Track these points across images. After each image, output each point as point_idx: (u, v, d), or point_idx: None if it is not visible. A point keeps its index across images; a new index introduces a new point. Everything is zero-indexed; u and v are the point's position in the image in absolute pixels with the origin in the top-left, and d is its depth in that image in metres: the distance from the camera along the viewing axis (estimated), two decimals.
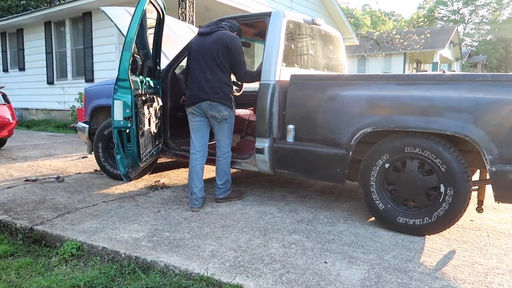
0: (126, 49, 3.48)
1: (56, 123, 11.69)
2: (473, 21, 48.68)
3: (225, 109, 3.66)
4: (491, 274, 2.47)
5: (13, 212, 3.55)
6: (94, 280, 2.48)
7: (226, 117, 3.69)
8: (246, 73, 3.74)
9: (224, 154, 3.83)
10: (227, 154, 3.84)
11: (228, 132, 3.79)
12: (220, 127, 3.73)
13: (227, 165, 3.86)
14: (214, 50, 3.56)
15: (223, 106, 3.64)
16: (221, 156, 3.82)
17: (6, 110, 6.95)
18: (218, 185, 3.89)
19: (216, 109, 3.63)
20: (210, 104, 3.62)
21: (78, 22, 11.23)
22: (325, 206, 3.85)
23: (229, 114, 3.71)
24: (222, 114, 3.66)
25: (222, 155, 3.82)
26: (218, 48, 3.56)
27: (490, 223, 3.45)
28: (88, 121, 5.18)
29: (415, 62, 27.12)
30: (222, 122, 3.70)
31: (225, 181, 3.88)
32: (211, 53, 3.57)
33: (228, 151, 3.85)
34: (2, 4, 18.47)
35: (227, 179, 3.89)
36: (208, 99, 3.61)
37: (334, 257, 2.67)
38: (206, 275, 2.40)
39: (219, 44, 3.56)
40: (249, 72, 3.78)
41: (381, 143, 3.16)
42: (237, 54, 3.62)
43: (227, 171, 3.87)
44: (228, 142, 3.83)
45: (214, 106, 3.63)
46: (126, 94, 3.51)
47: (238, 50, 3.62)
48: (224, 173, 3.86)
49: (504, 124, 2.72)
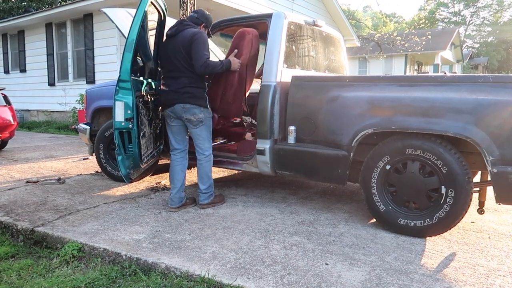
0: (127, 50, 3.48)
1: (57, 124, 11.70)
2: (474, 22, 48.70)
3: (200, 111, 3.57)
4: (492, 276, 2.46)
5: (14, 214, 3.55)
6: (95, 281, 2.48)
7: (201, 119, 3.60)
8: (204, 64, 3.47)
9: (206, 158, 3.71)
10: (209, 156, 3.73)
11: (207, 135, 3.69)
12: (196, 130, 3.63)
13: (209, 169, 3.75)
14: (179, 51, 3.52)
15: (197, 107, 3.55)
16: (202, 159, 3.70)
17: (7, 112, 6.96)
18: (202, 190, 3.75)
19: (190, 112, 3.55)
20: (183, 107, 3.55)
21: (79, 23, 11.25)
22: (326, 208, 3.85)
23: (204, 116, 3.61)
24: (197, 117, 3.57)
25: (203, 158, 3.70)
26: (183, 48, 3.50)
27: (491, 225, 3.44)
28: (89, 122, 5.18)
29: (416, 64, 27.09)
30: (199, 124, 3.61)
31: (209, 185, 3.75)
32: (177, 54, 3.53)
33: (210, 153, 3.74)
34: (3, 6, 18.52)
35: (210, 183, 3.77)
36: (181, 101, 3.54)
37: (335, 259, 2.67)
38: (207, 277, 2.40)
39: (183, 44, 3.50)
40: (210, 62, 3.51)
41: (382, 144, 3.16)
42: (196, 46, 3.47)
43: (210, 175, 3.76)
44: (209, 144, 3.72)
45: (188, 109, 3.55)
46: (127, 95, 3.52)
47: (198, 43, 3.48)
48: (207, 177, 3.74)
49: (505, 125, 2.72)
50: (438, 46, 24.40)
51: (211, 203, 3.79)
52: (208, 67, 3.50)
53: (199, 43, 3.48)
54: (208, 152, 3.72)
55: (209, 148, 3.72)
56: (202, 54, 3.47)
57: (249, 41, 3.88)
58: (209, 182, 3.75)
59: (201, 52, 3.47)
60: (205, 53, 3.49)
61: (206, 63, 3.48)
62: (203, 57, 3.47)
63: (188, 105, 3.54)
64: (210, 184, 3.77)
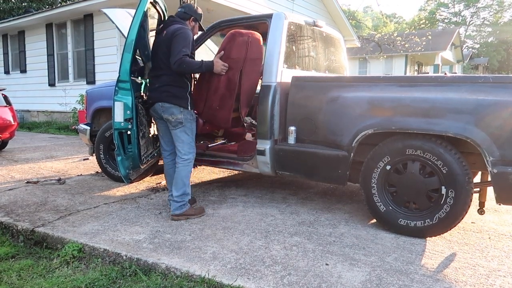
0: (127, 51, 3.48)
1: (58, 125, 11.70)
2: (474, 23, 48.70)
3: (179, 111, 3.35)
4: (493, 276, 2.46)
5: (15, 214, 3.55)
6: (95, 282, 2.48)
7: (180, 120, 3.36)
8: (179, 61, 3.22)
9: (184, 161, 3.42)
10: (188, 161, 3.43)
11: (187, 138, 3.43)
12: (176, 131, 3.41)
13: (186, 174, 3.44)
14: (163, 48, 3.38)
15: (175, 107, 3.34)
16: (179, 163, 3.42)
17: (7, 112, 6.97)
18: (174, 198, 3.41)
19: (169, 111, 3.35)
20: (162, 105, 3.37)
21: (80, 24, 11.26)
22: (327, 208, 3.84)
23: (184, 117, 3.38)
24: (175, 117, 3.35)
25: (181, 162, 3.42)
26: (165, 46, 3.34)
27: (492, 225, 3.44)
28: (90, 123, 5.19)
29: (416, 64, 27.10)
30: (178, 126, 3.38)
31: (182, 193, 3.41)
32: (160, 52, 3.40)
33: (189, 158, 3.44)
34: (4, 6, 18.53)
35: (185, 191, 3.43)
36: (160, 100, 3.38)
37: (336, 259, 2.67)
38: (207, 277, 2.39)
39: (165, 41, 3.35)
40: (186, 60, 3.24)
41: (382, 145, 3.15)
42: (175, 42, 3.27)
43: (185, 181, 3.44)
44: (188, 148, 3.44)
45: (167, 108, 3.36)
46: (126, 95, 3.52)
47: (178, 38, 3.27)
48: (182, 184, 3.42)
49: (506, 125, 2.72)
50: (439, 47, 24.41)
51: (183, 215, 3.42)
52: (182, 64, 3.24)
53: (179, 38, 3.27)
54: (187, 156, 3.44)
55: (189, 152, 3.45)
56: (179, 51, 3.23)
57: (242, 44, 3.65)
58: (183, 190, 3.42)
59: (179, 49, 3.24)
60: (183, 49, 3.24)
61: (181, 59, 3.22)
62: (179, 54, 3.22)
63: (167, 104, 3.35)
64: (184, 192, 3.43)
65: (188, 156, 3.44)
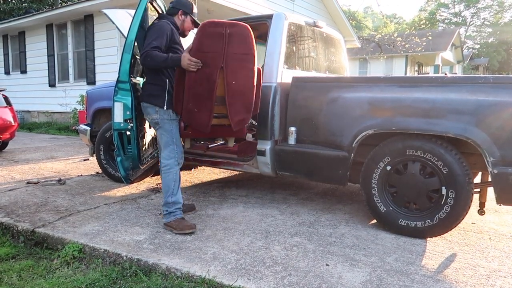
0: (126, 51, 3.49)
1: (58, 125, 11.71)
2: (474, 23, 48.68)
3: (154, 111, 3.14)
4: (493, 277, 2.46)
5: (15, 215, 3.55)
6: (95, 282, 2.48)
7: (156, 120, 3.15)
8: (144, 54, 2.99)
9: (164, 167, 3.15)
10: (167, 168, 3.14)
11: (166, 141, 3.15)
12: (157, 132, 3.24)
13: (167, 183, 3.14)
14: None
15: (151, 107, 3.15)
16: (161, 168, 3.19)
17: (7, 113, 6.97)
18: (161, 205, 3.25)
19: (146, 111, 3.22)
20: (142, 105, 3.25)
21: (80, 24, 11.27)
22: (327, 209, 3.84)
23: (160, 118, 3.14)
24: (151, 117, 3.19)
25: (162, 167, 3.17)
26: None
27: (492, 226, 3.44)
28: (90, 123, 5.19)
29: (416, 65, 27.09)
30: (155, 127, 3.22)
31: (165, 202, 3.16)
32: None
33: (168, 164, 3.14)
34: (4, 7, 18.55)
35: (167, 201, 3.15)
36: (141, 99, 3.28)
37: (336, 260, 2.66)
38: (208, 278, 2.39)
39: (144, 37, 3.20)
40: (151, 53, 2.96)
41: (382, 145, 3.16)
42: (147, 36, 3.09)
43: (169, 191, 3.13)
44: (168, 152, 3.15)
45: (145, 108, 3.22)
46: (126, 96, 3.52)
47: (149, 32, 3.09)
48: (166, 192, 3.15)
49: (506, 126, 2.72)
50: (439, 47, 24.40)
51: (168, 225, 3.15)
52: (147, 58, 2.98)
53: (150, 31, 3.08)
54: (166, 162, 3.14)
55: (169, 157, 3.15)
56: (147, 44, 3.00)
57: (215, 36, 2.99)
58: (166, 199, 3.16)
59: (148, 42, 3.01)
60: (153, 42, 2.99)
61: (146, 52, 2.97)
62: (147, 47, 2.99)
63: (145, 103, 3.20)
64: (167, 201, 3.16)
65: (168, 161, 3.15)
